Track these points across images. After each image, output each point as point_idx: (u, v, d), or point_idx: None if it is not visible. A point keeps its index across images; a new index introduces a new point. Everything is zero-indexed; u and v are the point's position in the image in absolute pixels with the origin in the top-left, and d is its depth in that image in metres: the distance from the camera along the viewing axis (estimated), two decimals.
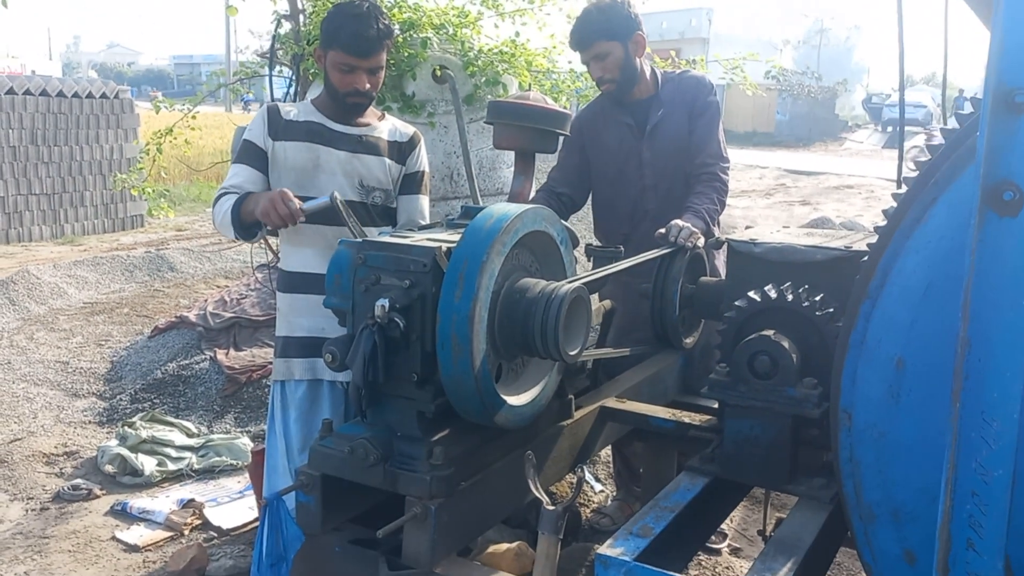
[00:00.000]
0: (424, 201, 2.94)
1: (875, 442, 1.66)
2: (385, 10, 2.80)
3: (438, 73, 4.11)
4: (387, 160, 2.81)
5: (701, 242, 2.84)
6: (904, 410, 1.62)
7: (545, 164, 3.91)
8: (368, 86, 2.69)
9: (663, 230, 2.79)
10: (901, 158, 2.64)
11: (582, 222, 7.51)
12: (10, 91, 10.74)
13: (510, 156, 4.45)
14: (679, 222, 2.82)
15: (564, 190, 3.33)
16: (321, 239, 2.70)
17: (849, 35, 50.88)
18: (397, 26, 2.72)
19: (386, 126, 2.86)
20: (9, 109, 10.72)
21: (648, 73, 3.31)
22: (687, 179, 3.28)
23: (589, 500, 3.91)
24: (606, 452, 3.96)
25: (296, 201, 2.47)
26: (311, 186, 2.69)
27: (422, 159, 2.93)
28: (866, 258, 1.74)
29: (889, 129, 34.20)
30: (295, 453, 2.74)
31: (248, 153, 2.73)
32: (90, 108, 11.62)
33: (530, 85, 4.45)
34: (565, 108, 3.57)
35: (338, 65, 2.65)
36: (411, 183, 2.90)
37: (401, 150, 2.86)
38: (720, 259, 3.25)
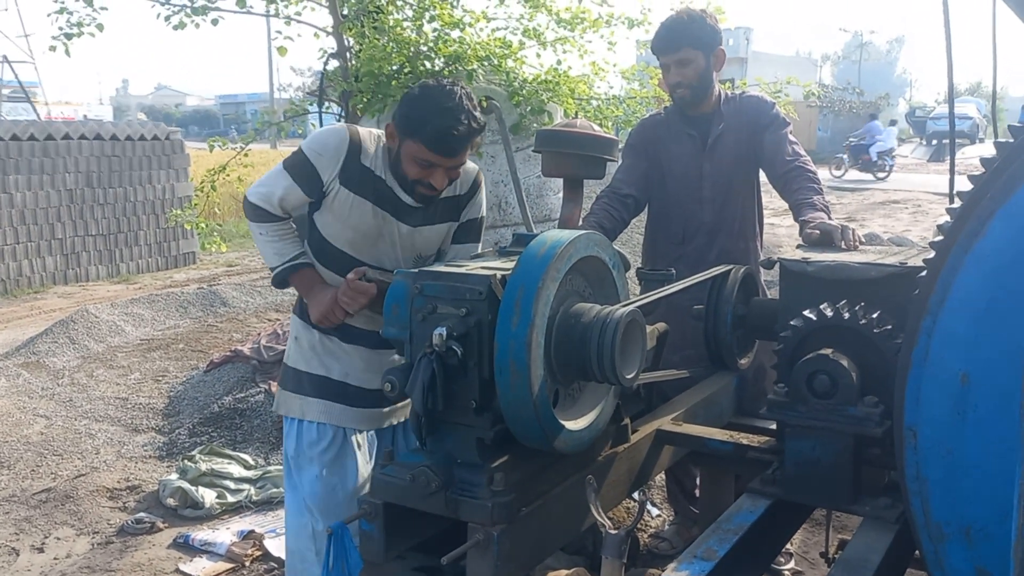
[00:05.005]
0: (475, 249, 2.69)
1: (942, 460, 1.64)
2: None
3: (484, 104, 4.18)
4: (445, 225, 2.63)
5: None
6: (971, 426, 1.60)
7: (591, 191, 3.93)
8: (445, 183, 2.46)
9: (816, 231, 2.69)
10: (953, 172, 2.61)
11: (626, 246, 7.52)
12: (66, 136, 11.10)
13: (556, 183, 4.50)
14: (829, 222, 2.72)
15: (630, 191, 3.34)
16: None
17: (890, 48, 50.39)
18: (477, 101, 2.56)
19: None
20: (65, 153, 11.08)
21: (716, 89, 3.36)
22: (745, 196, 3.37)
23: (646, 525, 3.89)
24: (660, 477, 3.94)
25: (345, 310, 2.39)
26: (367, 252, 2.54)
27: (479, 204, 2.70)
28: (924, 274, 1.73)
29: (934, 142, 33.65)
30: (316, 517, 2.59)
31: (303, 173, 2.48)
32: (142, 150, 11.95)
33: (576, 112, 4.50)
34: (610, 133, 3.61)
35: (416, 158, 2.38)
36: (465, 232, 2.69)
37: (459, 205, 2.64)
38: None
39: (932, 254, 1.69)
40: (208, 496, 4.33)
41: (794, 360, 2.17)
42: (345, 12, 5.02)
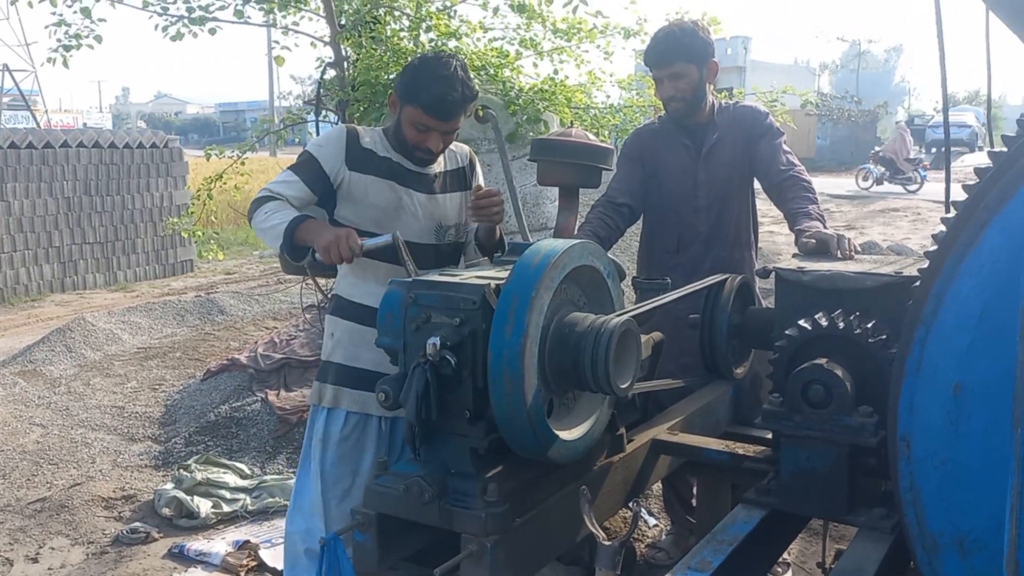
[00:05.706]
0: None
1: (936, 470, 1.64)
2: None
3: (480, 113, 4.18)
4: (458, 194, 2.81)
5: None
6: (965, 436, 1.60)
7: (587, 198, 3.94)
8: (440, 146, 2.67)
9: (812, 240, 2.70)
10: (949, 181, 2.61)
11: (625, 253, 7.52)
12: (64, 144, 11.11)
13: (553, 192, 4.49)
14: (825, 232, 2.73)
15: (625, 200, 3.34)
16: (393, 276, 2.56)
17: (888, 57, 50.50)
18: (478, 86, 2.67)
19: (445, 155, 2.81)
20: (64, 161, 11.08)
21: (710, 99, 3.36)
22: (740, 205, 3.37)
23: (643, 535, 3.87)
24: (657, 486, 3.92)
25: (358, 240, 2.41)
26: (391, 227, 2.60)
27: (479, 175, 2.93)
28: (918, 283, 1.72)
29: (933, 151, 33.70)
30: (331, 498, 2.68)
31: (309, 170, 2.62)
32: (140, 158, 11.96)
33: (572, 122, 4.50)
34: (606, 142, 3.61)
35: (414, 122, 2.59)
36: None
37: (466, 176, 2.85)
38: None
39: (927, 263, 1.69)
40: (203, 506, 4.31)
41: (789, 370, 2.16)
42: (342, 22, 5.03)
